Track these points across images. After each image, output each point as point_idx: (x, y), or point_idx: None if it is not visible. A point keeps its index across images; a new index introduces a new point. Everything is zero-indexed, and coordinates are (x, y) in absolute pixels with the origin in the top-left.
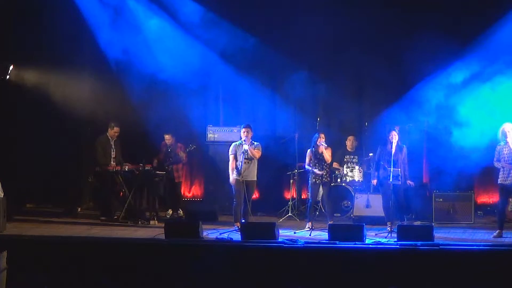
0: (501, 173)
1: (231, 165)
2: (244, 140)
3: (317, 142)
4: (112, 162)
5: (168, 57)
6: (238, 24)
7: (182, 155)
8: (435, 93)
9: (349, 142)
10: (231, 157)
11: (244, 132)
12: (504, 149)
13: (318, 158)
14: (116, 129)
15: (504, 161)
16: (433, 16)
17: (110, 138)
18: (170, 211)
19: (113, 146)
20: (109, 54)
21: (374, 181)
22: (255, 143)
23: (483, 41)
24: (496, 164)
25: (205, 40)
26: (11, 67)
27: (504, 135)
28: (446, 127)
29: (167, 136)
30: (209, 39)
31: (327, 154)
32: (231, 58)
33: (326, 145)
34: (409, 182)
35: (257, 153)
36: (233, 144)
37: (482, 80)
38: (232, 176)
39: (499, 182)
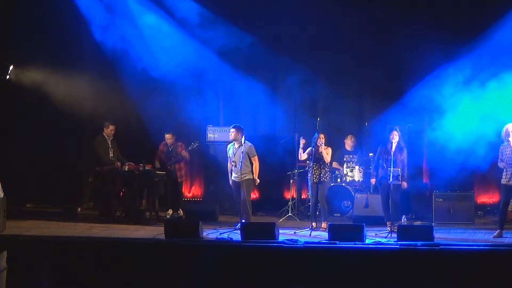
0: (504, 173)
1: (229, 167)
2: (235, 140)
3: (317, 143)
4: (112, 161)
5: (168, 56)
6: (238, 23)
7: (185, 154)
8: (435, 93)
9: (349, 141)
10: (229, 159)
11: (231, 133)
12: (507, 149)
13: (317, 158)
14: (111, 127)
15: (506, 161)
16: (434, 16)
17: (106, 137)
18: (170, 211)
19: (110, 145)
20: (109, 53)
21: (373, 180)
22: (248, 143)
23: (482, 42)
24: (500, 164)
25: (205, 40)
26: (11, 67)
27: (507, 135)
28: (446, 127)
29: (168, 136)
30: (209, 39)
31: (326, 155)
32: (231, 58)
33: (325, 146)
34: (404, 183)
35: (256, 165)
36: (228, 145)
37: (482, 80)
38: (231, 178)
39: (502, 182)
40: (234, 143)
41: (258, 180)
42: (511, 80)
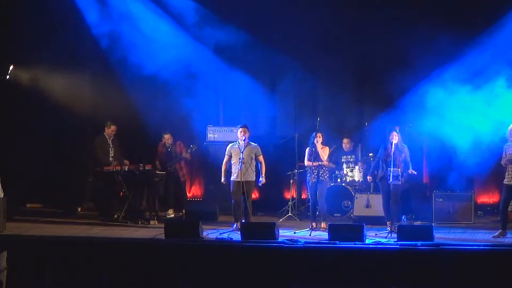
0: (507, 173)
1: (224, 166)
2: (243, 140)
3: (314, 142)
4: (111, 161)
5: (168, 56)
6: (239, 23)
7: (186, 155)
8: (435, 93)
9: (344, 144)
10: (226, 157)
11: (241, 132)
12: (510, 149)
13: (315, 157)
14: (113, 127)
15: (507, 160)
16: (435, 16)
17: (107, 137)
18: (170, 211)
19: (111, 145)
20: (109, 53)
21: (369, 178)
22: (254, 144)
23: (483, 42)
24: (502, 162)
25: (206, 40)
26: (11, 67)
27: (511, 135)
28: (446, 127)
29: (166, 136)
30: (210, 39)
31: (323, 153)
32: (232, 58)
33: (322, 145)
34: (411, 171)
35: (263, 163)
36: (230, 145)
37: (482, 81)
38: (223, 178)
39: (505, 182)
40: (239, 143)
41: (264, 180)
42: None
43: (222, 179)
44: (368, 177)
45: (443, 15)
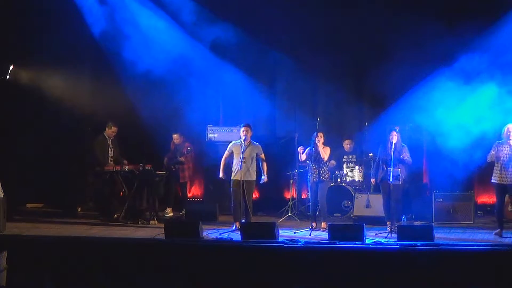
0: (497, 172)
1: (223, 161)
2: (244, 139)
3: (315, 141)
4: (110, 162)
5: (167, 56)
6: (239, 23)
7: (181, 159)
8: (435, 93)
9: (346, 145)
10: (226, 153)
11: (243, 131)
12: (504, 148)
13: (316, 157)
14: (114, 128)
15: (502, 160)
16: (435, 16)
17: (107, 137)
18: (168, 210)
19: (110, 146)
20: (109, 53)
21: (373, 180)
22: (255, 143)
23: (482, 42)
24: (489, 158)
25: (206, 40)
26: (11, 67)
27: (507, 136)
28: (446, 127)
29: (175, 136)
30: (210, 39)
31: (324, 153)
32: (231, 58)
33: (323, 145)
34: (404, 155)
35: (264, 161)
36: (232, 142)
37: (482, 80)
38: (222, 173)
39: (496, 182)
40: (241, 142)
41: (266, 179)
42: (510, 80)
43: (221, 175)
44: (372, 180)
45: (443, 15)
